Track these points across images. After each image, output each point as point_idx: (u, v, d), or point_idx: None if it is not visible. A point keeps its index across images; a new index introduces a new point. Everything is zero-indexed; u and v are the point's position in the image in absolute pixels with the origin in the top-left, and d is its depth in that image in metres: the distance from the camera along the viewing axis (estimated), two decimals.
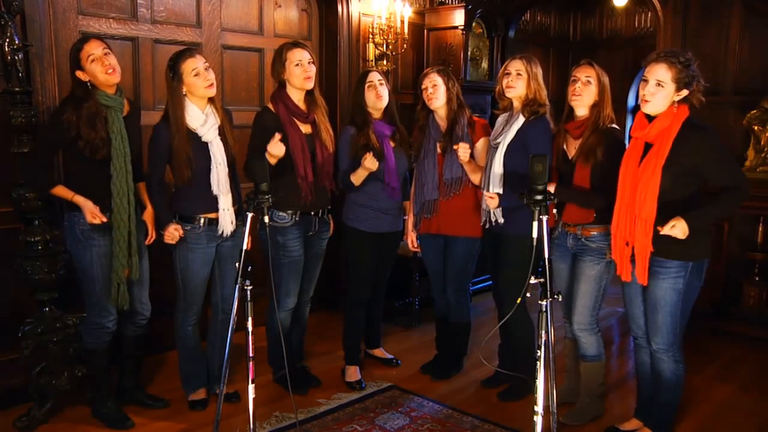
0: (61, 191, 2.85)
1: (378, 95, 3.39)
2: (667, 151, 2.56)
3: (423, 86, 3.40)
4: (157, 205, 3.02)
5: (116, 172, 2.85)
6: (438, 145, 3.41)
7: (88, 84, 2.81)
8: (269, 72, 4.27)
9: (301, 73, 3.16)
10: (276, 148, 3.01)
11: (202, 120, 2.97)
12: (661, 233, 2.56)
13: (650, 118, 2.65)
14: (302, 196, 3.18)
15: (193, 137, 2.95)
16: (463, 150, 3.20)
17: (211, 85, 2.95)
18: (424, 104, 3.44)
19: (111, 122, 2.84)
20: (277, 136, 3.03)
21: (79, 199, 2.83)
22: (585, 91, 2.95)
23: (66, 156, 2.95)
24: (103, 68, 2.78)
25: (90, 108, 2.77)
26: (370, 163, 3.23)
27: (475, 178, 3.34)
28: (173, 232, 2.96)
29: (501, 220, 3.19)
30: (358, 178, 3.33)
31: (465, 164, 3.29)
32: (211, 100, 3.02)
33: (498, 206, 3.12)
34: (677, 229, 2.52)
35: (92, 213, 2.81)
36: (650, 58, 2.64)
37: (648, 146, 2.65)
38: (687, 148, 2.55)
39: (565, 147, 3.05)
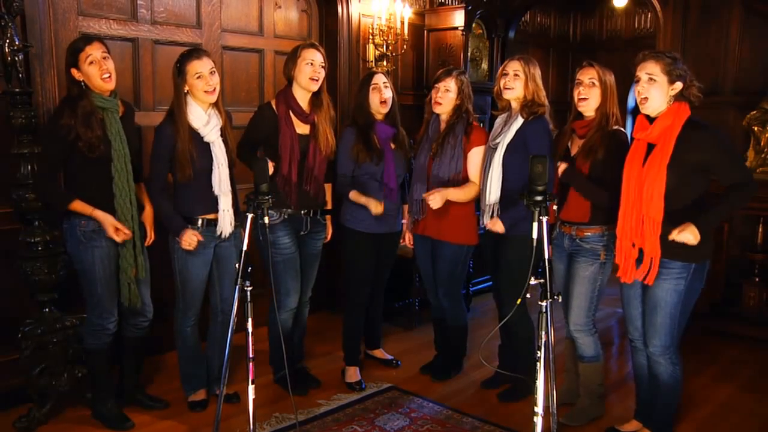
0: (79, 206, 2.82)
1: (382, 99, 3.39)
2: (671, 149, 2.57)
3: (437, 85, 3.38)
4: (166, 212, 2.99)
5: (117, 174, 2.85)
6: (432, 146, 3.41)
7: (82, 83, 2.81)
8: (271, 72, 4.31)
9: (310, 72, 3.16)
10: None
11: (204, 120, 2.97)
12: (670, 239, 2.55)
13: (651, 119, 2.66)
14: (284, 196, 3.19)
15: (196, 137, 2.96)
16: (433, 202, 3.21)
17: (213, 91, 2.94)
18: (431, 98, 3.44)
19: (109, 124, 2.84)
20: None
21: (99, 215, 2.82)
22: (590, 94, 2.95)
23: (67, 160, 2.93)
24: (99, 72, 2.79)
25: (84, 107, 2.77)
26: (375, 208, 3.25)
27: (464, 199, 3.32)
28: (191, 238, 2.94)
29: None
30: (356, 199, 3.35)
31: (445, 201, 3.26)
32: (213, 102, 3.02)
33: (504, 229, 3.11)
34: (687, 234, 2.52)
35: (114, 227, 2.81)
36: (637, 59, 2.70)
37: (651, 147, 2.65)
38: (690, 146, 2.55)
39: (569, 145, 3.06)
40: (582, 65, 3.02)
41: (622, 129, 2.99)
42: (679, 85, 2.59)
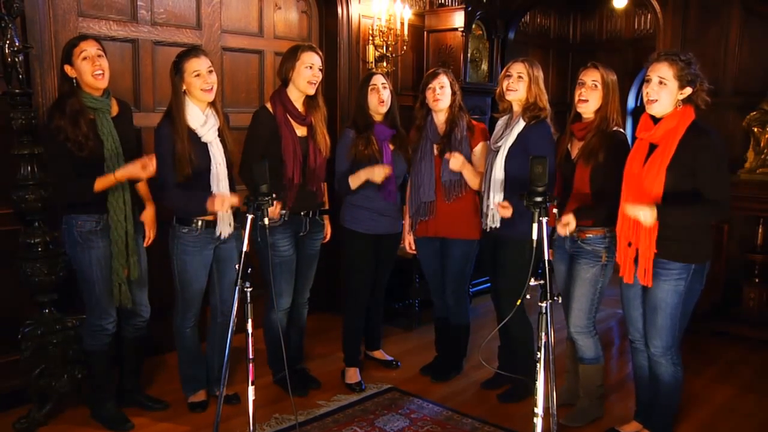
0: (102, 184, 2.79)
1: (380, 99, 3.40)
2: (672, 152, 2.57)
3: (430, 86, 3.39)
4: (187, 205, 2.93)
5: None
6: (435, 147, 3.41)
7: (74, 81, 2.80)
8: (271, 73, 4.31)
9: (309, 76, 3.16)
10: None
11: (202, 120, 2.96)
12: (627, 209, 2.56)
13: (655, 119, 2.65)
14: (288, 198, 3.18)
15: (193, 137, 2.95)
16: (454, 161, 3.22)
17: (210, 89, 2.94)
18: (423, 103, 3.45)
19: (100, 124, 2.83)
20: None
21: (120, 173, 2.78)
22: (591, 96, 2.94)
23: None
24: (92, 68, 2.78)
25: (73, 105, 2.76)
26: (378, 174, 3.25)
27: (474, 183, 3.35)
28: (221, 198, 2.83)
29: (497, 225, 3.19)
30: (356, 180, 3.35)
31: (461, 172, 3.29)
32: (211, 102, 3.02)
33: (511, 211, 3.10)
34: (643, 211, 2.51)
35: (143, 164, 2.75)
36: (651, 58, 2.66)
37: (653, 147, 2.65)
38: (691, 150, 2.55)
39: (569, 148, 3.05)
40: (586, 66, 3.01)
41: (622, 130, 2.99)
42: (688, 90, 2.58)
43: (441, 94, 3.37)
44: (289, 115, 3.20)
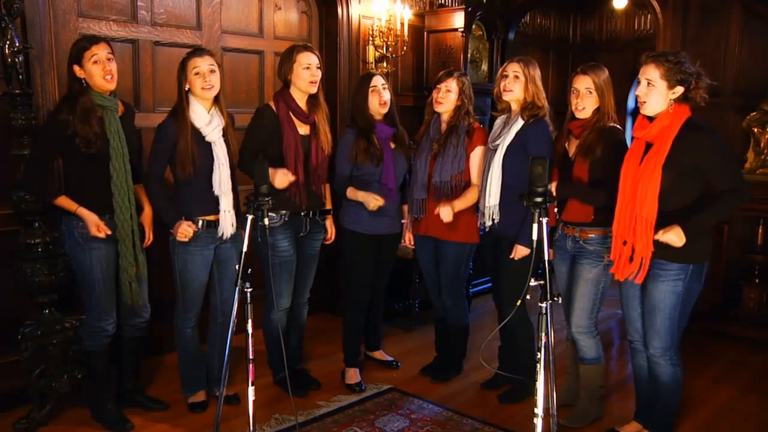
0: (64, 202, 2.85)
1: (382, 101, 3.40)
2: (667, 149, 2.57)
3: (438, 86, 3.39)
4: (161, 205, 3.01)
5: (116, 173, 2.85)
6: (433, 146, 3.41)
7: (83, 81, 2.82)
8: (271, 73, 4.31)
9: (309, 76, 3.17)
10: (280, 182, 3.04)
11: (207, 119, 2.98)
12: (655, 238, 2.56)
13: (651, 118, 2.66)
14: (289, 197, 3.19)
15: (198, 136, 2.96)
16: (445, 214, 3.22)
17: (210, 87, 2.94)
18: (432, 99, 3.45)
19: (108, 122, 2.84)
20: (289, 176, 3.07)
21: (83, 212, 2.83)
22: (587, 104, 2.95)
23: (65, 158, 2.95)
24: (102, 72, 2.80)
25: (84, 103, 2.78)
26: (374, 205, 3.26)
27: (467, 206, 3.35)
28: (186, 229, 2.94)
29: (497, 219, 3.19)
30: (353, 195, 3.37)
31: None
32: (216, 101, 3.02)
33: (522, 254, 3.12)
34: (671, 235, 2.53)
35: (96, 226, 2.83)
36: (641, 60, 2.68)
37: (649, 146, 2.66)
38: (687, 148, 2.56)
39: (567, 146, 3.06)
40: (576, 72, 3.01)
41: (618, 126, 2.99)
42: (680, 90, 2.58)
43: (443, 98, 3.36)
44: (293, 113, 3.20)
